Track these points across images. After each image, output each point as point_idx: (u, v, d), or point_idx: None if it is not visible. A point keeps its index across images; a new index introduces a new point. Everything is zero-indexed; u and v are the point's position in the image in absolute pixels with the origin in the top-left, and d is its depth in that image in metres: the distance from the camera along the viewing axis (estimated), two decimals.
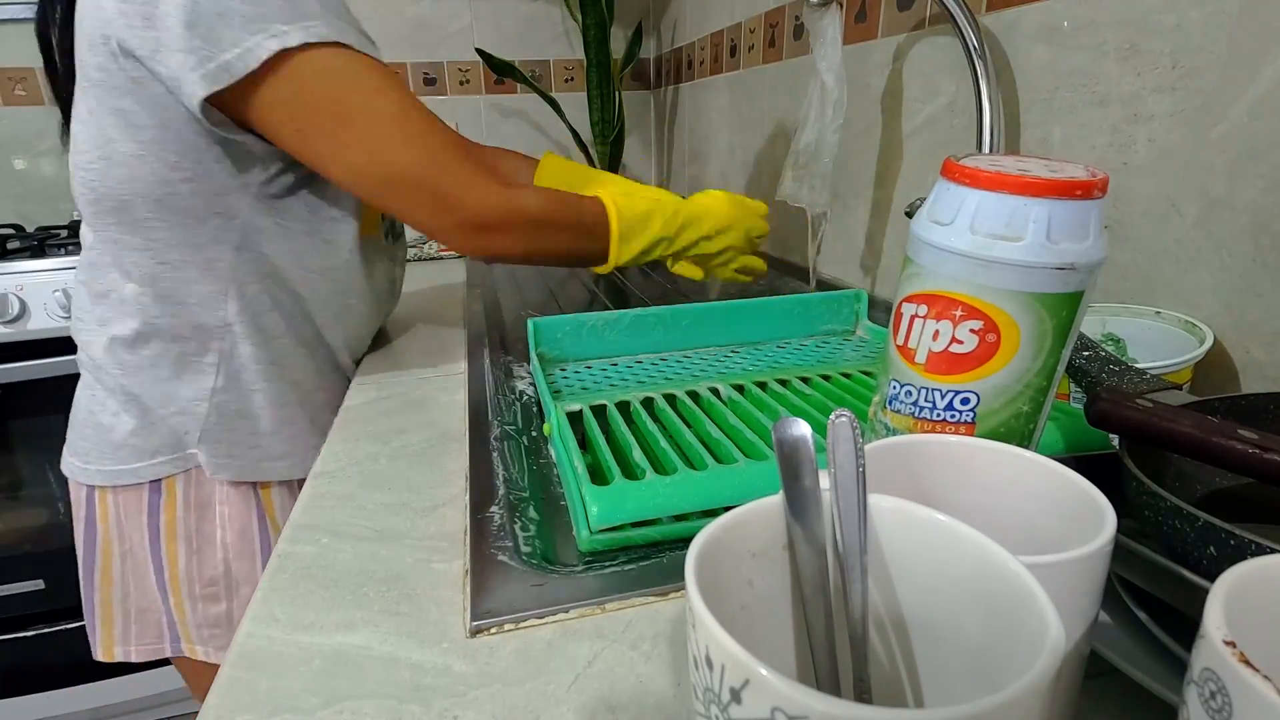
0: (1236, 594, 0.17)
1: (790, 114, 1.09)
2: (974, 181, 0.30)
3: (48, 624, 1.37)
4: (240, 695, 0.30)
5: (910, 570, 0.22)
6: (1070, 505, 0.25)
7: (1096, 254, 0.29)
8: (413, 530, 0.42)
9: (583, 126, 1.62)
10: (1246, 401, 0.34)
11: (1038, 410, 0.32)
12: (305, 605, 0.36)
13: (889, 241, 0.89)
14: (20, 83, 1.56)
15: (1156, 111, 0.52)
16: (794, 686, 0.15)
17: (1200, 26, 0.49)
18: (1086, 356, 0.39)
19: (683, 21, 1.58)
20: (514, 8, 1.71)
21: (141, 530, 0.65)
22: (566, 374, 0.62)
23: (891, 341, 0.34)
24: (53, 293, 1.18)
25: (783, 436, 0.22)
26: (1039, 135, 0.63)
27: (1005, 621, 0.19)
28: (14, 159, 1.61)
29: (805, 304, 0.71)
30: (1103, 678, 0.28)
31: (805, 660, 0.23)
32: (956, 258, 0.30)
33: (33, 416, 1.27)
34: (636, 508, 0.39)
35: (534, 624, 0.34)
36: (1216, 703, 0.16)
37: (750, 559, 0.22)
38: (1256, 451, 0.27)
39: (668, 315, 0.67)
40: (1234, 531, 0.24)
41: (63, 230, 1.42)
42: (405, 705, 0.29)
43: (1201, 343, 0.47)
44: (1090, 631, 0.23)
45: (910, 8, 0.79)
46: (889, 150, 0.86)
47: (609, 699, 0.29)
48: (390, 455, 0.52)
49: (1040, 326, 0.30)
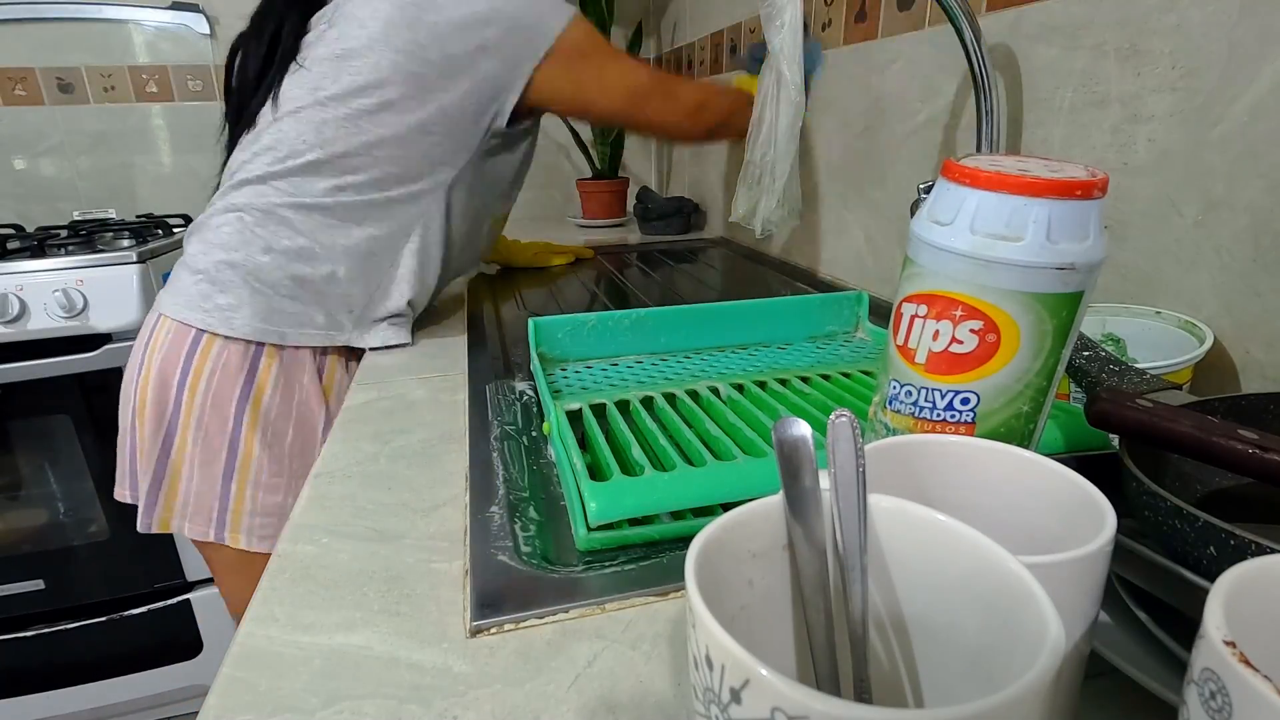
0: (1236, 594, 0.17)
1: None
2: (974, 181, 0.30)
3: (48, 624, 1.37)
4: (240, 695, 0.30)
5: (910, 570, 0.22)
6: (1070, 505, 0.25)
7: (1096, 254, 0.29)
8: (413, 530, 0.42)
9: (583, 127, 1.62)
10: (1246, 401, 0.34)
11: (1038, 410, 0.32)
12: (305, 605, 0.36)
13: (889, 241, 0.89)
14: (20, 83, 1.56)
15: (1156, 111, 0.52)
16: (794, 686, 0.15)
17: (1200, 26, 0.49)
18: (1086, 356, 0.39)
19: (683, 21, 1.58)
20: None
21: (231, 400, 0.73)
22: (566, 374, 0.62)
23: (891, 341, 0.34)
24: (53, 293, 1.18)
25: (783, 436, 0.22)
26: (1039, 135, 0.63)
27: (1005, 621, 0.19)
28: (14, 159, 1.62)
29: (806, 305, 0.71)
30: (1103, 678, 0.28)
31: (805, 660, 0.23)
32: (956, 258, 0.30)
33: (33, 416, 1.27)
34: (635, 504, 0.39)
35: (534, 624, 0.34)
36: (1216, 703, 0.16)
37: (750, 559, 0.22)
38: (1256, 451, 0.27)
39: (668, 316, 0.67)
40: (1234, 531, 0.24)
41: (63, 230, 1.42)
42: (405, 705, 0.29)
43: (1201, 343, 0.47)
44: (1090, 631, 0.23)
45: (910, 8, 0.79)
46: (889, 150, 0.86)
47: (609, 699, 0.29)
48: (390, 455, 0.52)
49: (1040, 326, 0.30)
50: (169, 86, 1.64)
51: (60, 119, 1.61)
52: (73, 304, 1.19)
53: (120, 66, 1.61)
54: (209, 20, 1.60)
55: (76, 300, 1.19)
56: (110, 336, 1.23)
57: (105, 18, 1.57)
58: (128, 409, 0.76)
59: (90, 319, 1.21)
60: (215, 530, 0.75)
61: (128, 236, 1.34)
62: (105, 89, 1.61)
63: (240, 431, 0.73)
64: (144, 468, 0.75)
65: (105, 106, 1.62)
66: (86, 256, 1.22)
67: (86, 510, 1.33)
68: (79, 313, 1.20)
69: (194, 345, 0.73)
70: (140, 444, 0.75)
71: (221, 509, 0.74)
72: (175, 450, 0.74)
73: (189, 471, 0.74)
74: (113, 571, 1.37)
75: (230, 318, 0.72)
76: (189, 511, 0.75)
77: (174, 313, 0.73)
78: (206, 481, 0.74)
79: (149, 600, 1.40)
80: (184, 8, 1.59)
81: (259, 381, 0.74)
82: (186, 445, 0.73)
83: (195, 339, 0.73)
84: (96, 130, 1.63)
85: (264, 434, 0.74)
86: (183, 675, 1.46)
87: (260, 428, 0.74)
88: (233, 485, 0.74)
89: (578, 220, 1.69)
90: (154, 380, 0.73)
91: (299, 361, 0.75)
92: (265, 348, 0.74)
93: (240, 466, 0.74)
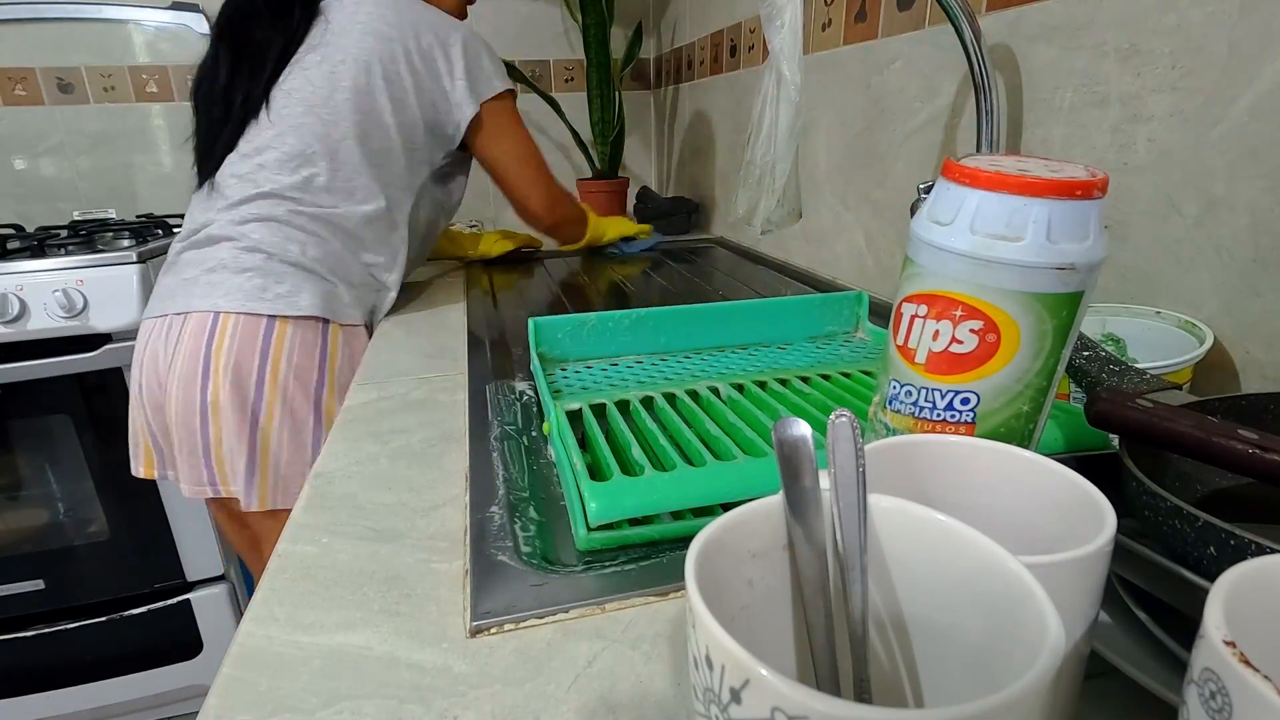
0: (1236, 594, 0.17)
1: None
2: (974, 181, 0.30)
3: (48, 624, 1.37)
4: (240, 695, 0.30)
5: (910, 570, 0.22)
6: (1070, 505, 0.25)
7: (1096, 254, 0.29)
8: (413, 530, 0.42)
9: (583, 127, 1.62)
10: (1246, 401, 0.34)
11: (1038, 410, 0.32)
12: (305, 605, 0.36)
13: (889, 241, 0.89)
14: (20, 83, 1.56)
15: (1156, 111, 0.52)
16: (794, 686, 0.15)
17: (1200, 26, 0.49)
18: (1086, 356, 0.39)
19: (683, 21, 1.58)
20: (514, 8, 1.71)
21: (311, 369, 0.81)
22: (566, 374, 0.62)
23: (891, 341, 0.34)
24: (53, 293, 1.18)
25: (783, 436, 0.22)
26: (1039, 135, 0.63)
27: (1005, 621, 0.19)
28: (14, 159, 1.62)
29: (806, 305, 0.71)
30: (1103, 678, 0.28)
31: (805, 660, 0.23)
32: (956, 258, 0.30)
33: (33, 416, 1.27)
34: (635, 504, 0.39)
35: (534, 624, 0.34)
36: (1216, 703, 0.16)
37: (750, 559, 0.22)
38: (1256, 451, 0.27)
39: (668, 316, 0.67)
40: (1234, 531, 0.24)
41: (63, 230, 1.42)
42: (405, 705, 0.29)
43: (1201, 343, 0.47)
44: (1090, 631, 0.23)
45: (910, 8, 0.79)
46: (889, 150, 0.86)
47: (609, 699, 0.29)
48: (390, 455, 0.52)
49: (1040, 326, 0.30)
50: (169, 86, 1.64)
51: (60, 119, 1.61)
52: (73, 304, 1.19)
53: (120, 66, 1.61)
54: (209, 20, 1.60)
55: (76, 300, 1.19)
56: (110, 336, 1.23)
57: (105, 18, 1.56)
58: (190, 407, 0.79)
59: (90, 319, 1.21)
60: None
61: (128, 236, 1.34)
62: (105, 89, 1.61)
63: (322, 398, 0.82)
64: (235, 455, 0.79)
65: (105, 106, 1.62)
66: (86, 256, 1.22)
67: (86, 510, 1.33)
68: (79, 313, 1.20)
69: (269, 331, 0.79)
70: (219, 436, 0.79)
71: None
72: (262, 432, 0.79)
73: (278, 448, 0.80)
74: (113, 571, 1.37)
75: (295, 300, 0.80)
76: (283, 485, 0.81)
77: (236, 307, 0.79)
78: (297, 451, 0.81)
79: (149, 600, 1.40)
80: (184, 8, 1.59)
81: (330, 350, 0.83)
82: (274, 422, 0.79)
83: (269, 325, 0.79)
84: (96, 130, 1.63)
85: (341, 395, 0.83)
86: (183, 675, 1.46)
87: (337, 390, 0.83)
88: (322, 448, 0.78)
89: None
90: (230, 373, 0.77)
91: (356, 332, 0.87)
92: (330, 323, 0.83)
93: (327, 430, 0.81)
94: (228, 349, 0.78)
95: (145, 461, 0.89)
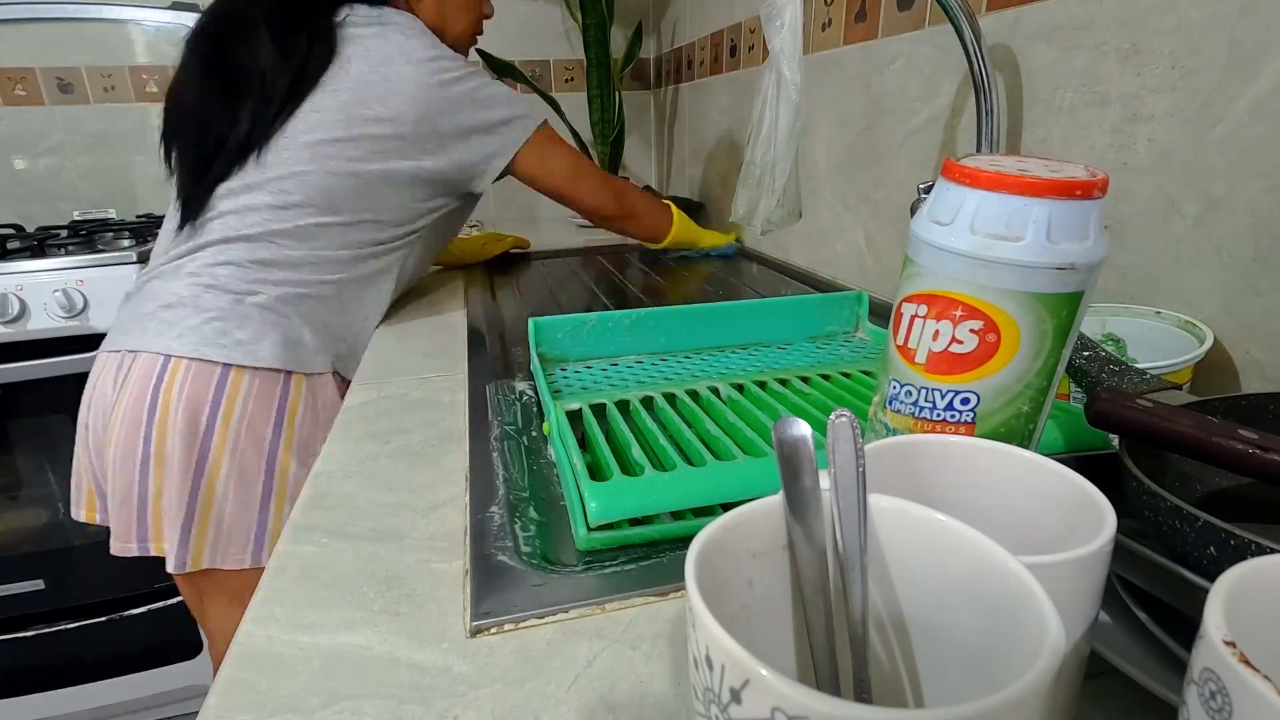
0: (1236, 594, 0.17)
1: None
2: (974, 181, 0.30)
3: (48, 624, 1.37)
4: (240, 695, 0.30)
5: (910, 570, 0.22)
6: (1070, 505, 0.25)
7: (1096, 254, 0.29)
8: (413, 530, 0.42)
9: (583, 126, 1.62)
10: (1246, 401, 0.34)
11: (1038, 410, 0.32)
12: (305, 605, 0.36)
13: (889, 241, 0.89)
14: (20, 83, 1.56)
15: (1156, 111, 0.52)
16: (794, 686, 0.15)
17: (1200, 26, 0.49)
18: (1086, 356, 0.39)
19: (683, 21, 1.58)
20: (514, 8, 1.71)
21: (267, 423, 0.75)
22: (566, 374, 0.62)
23: (891, 341, 0.34)
24: (53, 293, 1.18)
25: (783, 436, 0.22)
26: (1039, 135, 0.63)
27: (1005, 621, 0.19)
28: (14, 159, 1.62)
29: (806, 305, 0.71)
30: (1103, 678, 0.28)
31: (805, 660, 0.23)
32: (956, 258, 0.30)
33: (33, 416, 1.27)
34: (635, 504, 0.39)
35: (534, 624, 0.34)
36: (1216, 703, 0.16)
37: (750, 559, 0.22)
38: (1256, 451, 0.27)
39: (668, 316, 0.67)
40: (1234, 531, 0.24)
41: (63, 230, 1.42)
42: (405, 705, 0.29)
43: (1201, 343, 0.47)
44: (1090, 631, 0.23)
45: (910, 8, 0.79)
46: (889, 150, 0.86)
47: (609, 699, 0.29)
48: (390, 455, 0.52)
49: (1040, 326, 0.30)
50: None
51: (60, 119, 1.61)
52: (73, 304, 1.19)
53: (120, 66, 1.61)
54: None
55: (76, 300, 1.19)
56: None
57: (105, 18, 1.57)
58: (131, 455, 0.73)
59: (90, 319, 1.21)
60: (252, 554, 0.75)
61: (128, 236, 1.34)
62: (105, 89, 1.61)
63: (277, 453, 0.75)
64: (174, 509, 0.72)
65: (105, 106, 1.62)
66: (86, 256, 1.22)
67: None
68: (79, 313, 1.20)
69: (222, 379, 0.73)
70: (159, 488, 0.73)
71: (259, 532, 0.75)
72: (206, 484, 0.73)
73: (222, 502, 0.73)
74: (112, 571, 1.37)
75: (255, 350, 0.74)
76: (222, 543, 0.74)
77: (189, 351, 0.73)
78: (243, 506, 0.74)
79: (149, 600, 1.40)
80: (184, 8, 1.59)
81: (291, 404, 0.76)
82: (219, 475, 0.73)
83: (223, 373, 0.73)
84: (96, 130, 1.63)
85: (299, 451, 0.76)
86: (183, 675, 1.46)
87: (295, 446, 0.76)
88: (270, 506, 0.75)
89: (578, 220, 1.69)
90: (178, 422, 0.71)
91: (322, 380, 0.80)
92: (293, 374, 0.77)
93: (278, 488, 0.75)
94: (176, 396, 0.71)
95: (88, 505, 0.83)
